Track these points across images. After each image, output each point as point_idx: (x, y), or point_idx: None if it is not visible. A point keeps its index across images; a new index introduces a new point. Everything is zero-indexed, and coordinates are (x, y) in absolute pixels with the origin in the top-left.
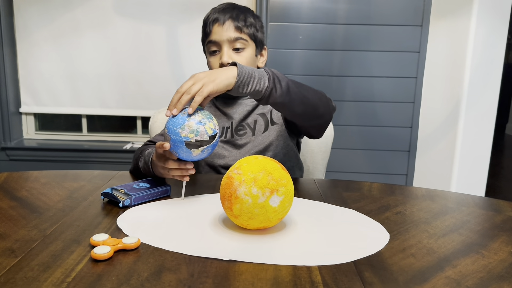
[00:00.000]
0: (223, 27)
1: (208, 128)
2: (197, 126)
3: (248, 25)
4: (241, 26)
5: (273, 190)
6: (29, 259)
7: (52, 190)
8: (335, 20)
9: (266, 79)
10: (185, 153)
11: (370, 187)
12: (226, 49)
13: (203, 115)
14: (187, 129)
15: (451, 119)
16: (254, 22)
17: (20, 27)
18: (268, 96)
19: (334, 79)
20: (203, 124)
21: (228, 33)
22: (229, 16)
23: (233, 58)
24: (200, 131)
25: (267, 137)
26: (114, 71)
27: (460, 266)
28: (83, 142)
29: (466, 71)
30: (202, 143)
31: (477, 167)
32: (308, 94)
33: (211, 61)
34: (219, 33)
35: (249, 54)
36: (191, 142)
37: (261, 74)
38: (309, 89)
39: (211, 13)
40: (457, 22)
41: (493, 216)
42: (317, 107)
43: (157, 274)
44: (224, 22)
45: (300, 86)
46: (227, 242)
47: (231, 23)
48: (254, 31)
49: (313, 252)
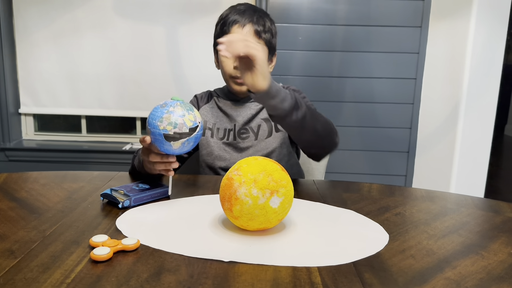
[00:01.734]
0: (243, 30)
1: (188, 120)
2: (176, 118)
3: (266, 30)
4: (260, 31)
5: (273, 191)
6: (29, 260)
7: (51, 191)
8: (335, 21)
9: (288, 102)
10: (165, 146)
11: (369, 188)
12: None
13: (183, 107)
14: (165, 121)
15: (451, 120)
16: (271, 28)
17: (19, 28)
18: (283, 118)
19: (333, 80)
20: (182, 116)
21: (247, 36)
22: (250, 20)
23: None
24: (178, 123)
25: (270, 144)
26: (114, 71)
27: (460, 267)
28: (83, 142)
29: (465, 72)
30: (181, 136)
31: (476, 168)
32: (319, 126)
33: (224, 61)
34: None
35: None
36: (170, 134)
37: (286, 95)
38: (321, 120)
39: (231, 12)
40: (457, 23)
41: (493, 217)
42: (323, 140)
43: (156, 275)
44: (244, 25)
45: (314, 117)
46: (227, 243)
47: (251, 27)
48: (270, 37)
49: (313, 253)
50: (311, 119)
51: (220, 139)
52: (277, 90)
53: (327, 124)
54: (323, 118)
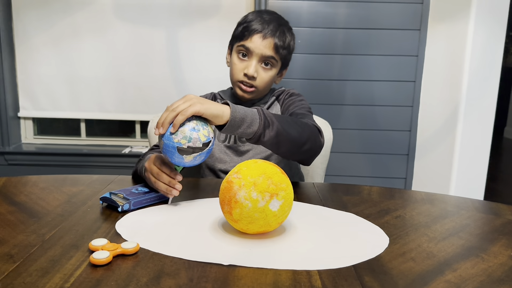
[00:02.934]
0: (263, 41)
1: (202, 135)
2: (191, 133)
3: (285, 47)
4: (279, 46)
5: (273, 194)
6: (28, 264)
7: (50, 194)
8: (334, 24)
9: (256, 124)
10: (177, 159)
11: (369, 191)
12: (255, 63)
13: (198, 122)
14: (180, 135)
15: (450, 123)
16: (290, 45)
17: (19, 31)
18: (257, 139)
19: (333, 83)
20: (197, 131)
21: (266, 50)
22: (272, 34)
23: (259, 72)
24: (193, 137)
25: None
26: (113, 75)
27: (460, 270)
28: (82, 146)
29: (464, 74)
30: (194, 150)
31: (476, 171)
32: (296, 134)
33: (235, 63)
34: (257, 45)
35: (273, 73)
36: (183, 148)
37: (253, 117)
38: (298, 127)
39: (256, 19)
40: (455, 26)
41: (493, 220)
42: (302, 145)
43: (156, 279)
44: (266, 37)
45: (289, 126)
46: (226, 247)
47: (272, 40)
48: (286, 54)
49: (313, 256)
50: (286, 130)
51: (222, 141)
52: (241, 119)
53: (306, 129)
54: (300, 124)
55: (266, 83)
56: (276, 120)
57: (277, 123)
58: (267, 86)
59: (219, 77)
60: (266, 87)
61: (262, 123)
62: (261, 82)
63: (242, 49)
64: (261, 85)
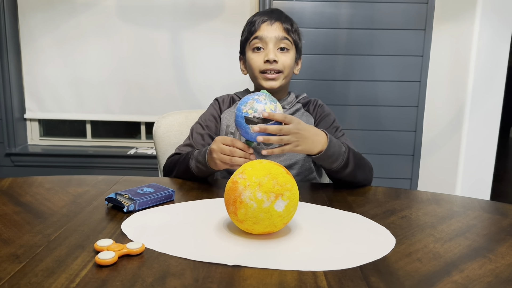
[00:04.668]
0: (272, 26)
1: (267, 108)
2: (257, 105)
3: (294, 30)
4: (288, 29)
5: (278, 195)
6: (34, 264)
7: (56, 195)
8: (338, 24)
9: (339, 161)
10: (244, 128)
11: (375, 191)
12: (272, 46)
13: (267, 98)
14: (248, 106)
15: (455, 123)
16: (298, 29)
17: (24, 34)
18: (331, 172)
19: (337, 84)
20: (264, 104)
21: (277, 32)
22: (278, 18)
23: (278, 56)
24: (258, 109)
25: (295, 155)
26: (118, 76)
27: (467, 270)
28: (88, 147)
29: (470, 74)
30: (258, 121)
31: (482, 171)
32: (360, 178)
33: (253, 58)
34: (268, 30)
35: (292, 56)
36: (250, 117)
37: (339, 153)
38: (364, 172)
39: (258, 14)
40: (461, 26)
41: (500, 220)
42: (359, 182)
43: (161, 279)
44: (273, 23)
45: (359, 170)
46: (231, 247)
47: (279, 24)
48: (297, 38)
49: (319, 257)
50: (354, 174)
51: None
52: (333, 153)
53: (368, 174)
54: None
55: (289, 65)
56: (353, 162)
57: (352, 165)
58: (290, 70)
59: (223, 78)
60: (289, 71)
61: (344, 162)
62: (283, 64)
63: (255, 42)
64: (284, 67)
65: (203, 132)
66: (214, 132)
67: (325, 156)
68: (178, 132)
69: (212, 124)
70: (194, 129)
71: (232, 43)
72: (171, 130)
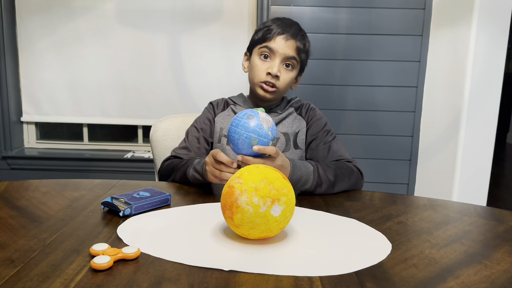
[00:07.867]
0: (286, 42)
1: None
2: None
3: (305, 50)
4: (300, 48)
5: (275, 200)
6: (28, 269)
7: (52, 199)
8: (336, 29)
9: (311, 181)
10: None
11: (371, 196)
12: (278, 62)
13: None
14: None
15: (452, 128)
16: (308, 50)
17: (22, 37)
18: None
19: (335, 88)
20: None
21: (289, 50)
22: (294, 36)
23: (281, 72)
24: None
25: None
26: (116, 80)
27: (463, 276)
28: (84, 151)
29: (466, 80)
30: None
31: (479, 177)
32: (344, 186)
33: (258, 65)
34: (281, 45)
35: (293, 75)
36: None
37: (308, 177)
38: (348, 180)
39: (276, 23)
40: (457, 31)
41: (496, 226)
42: (347, 190)
43: (157, 284)
44: (288, 39)
45: (340, 180)
46: (227, 252)
47: (294, 42)
48: (305, 58)
49: (315, 262)
50: (335, 186)
51: None
52: (298, 179)
53: (352, 180)
54: (348, 176)
55: (287, 84)
56: (327, 176)
57: (328, 180)
58: (287, 87)
59: (221, 82)
60: (286, 88)
61: (315, 183)
62: (282, 82)
63: (265, 51)
64: (282, 85)
65: (198, 135)
66: (209, 135)
67: (293, 181)
68: (175, 136)
69: (207, 127)
70: (190, 132)
71: (230, 48)
72: (168, 134)
